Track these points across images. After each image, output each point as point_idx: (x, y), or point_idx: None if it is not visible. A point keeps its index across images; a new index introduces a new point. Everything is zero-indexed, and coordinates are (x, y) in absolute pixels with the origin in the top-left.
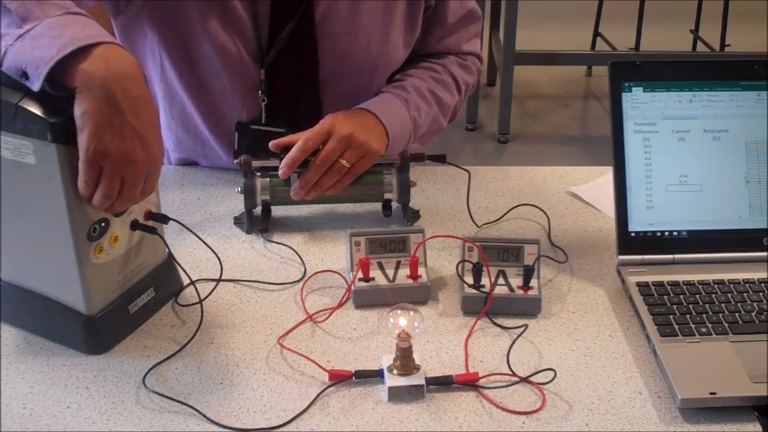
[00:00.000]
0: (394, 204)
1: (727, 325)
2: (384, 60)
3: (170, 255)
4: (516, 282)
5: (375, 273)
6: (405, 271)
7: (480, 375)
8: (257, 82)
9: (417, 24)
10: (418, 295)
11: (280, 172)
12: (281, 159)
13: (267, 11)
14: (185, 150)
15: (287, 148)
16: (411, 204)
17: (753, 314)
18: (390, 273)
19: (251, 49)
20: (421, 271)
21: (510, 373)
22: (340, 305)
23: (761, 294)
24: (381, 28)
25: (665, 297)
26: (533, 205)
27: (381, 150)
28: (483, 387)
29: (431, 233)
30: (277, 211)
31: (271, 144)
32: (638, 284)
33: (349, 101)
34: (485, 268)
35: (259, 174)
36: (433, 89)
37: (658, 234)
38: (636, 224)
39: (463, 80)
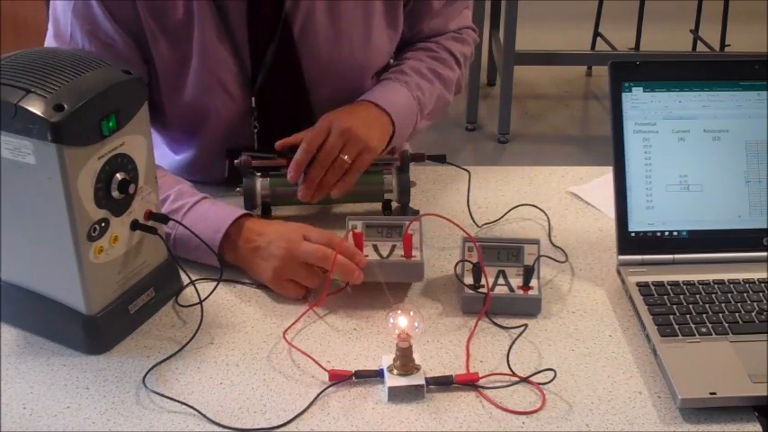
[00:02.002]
0: (394, 204)
1: (727, 325)
2: (370, 61)
3: (170, 255)
4: (516, 282)
5: (369, 251)
6: (399, 252)
7: (480, 375)
8: (249, 110)
9: (399, 18)
10: (411, 273)
11: (288, 176)
12: (286, 159)
13: (245, 41)
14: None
15: (293, 148)
16: (411, 204)
17: (753, 314)
18: (385, 253)
19: (238, 81)
20: (415, 252)
21: (510, 373)
22: (340, 291)
23: (761, 294)
24: (362, 31)
25: (665, 297)
26: (533, 205)
27: (381, 146)
28: (483, 387)
29: (431, 233)
30: (277, 211)
31: (276, 144)
32: (638, 284)
33: (341, 105)
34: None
35: (259, 174)
36: (432, 67)
37: (658, 234)
38: (636, 224)
39: (461, 53)
